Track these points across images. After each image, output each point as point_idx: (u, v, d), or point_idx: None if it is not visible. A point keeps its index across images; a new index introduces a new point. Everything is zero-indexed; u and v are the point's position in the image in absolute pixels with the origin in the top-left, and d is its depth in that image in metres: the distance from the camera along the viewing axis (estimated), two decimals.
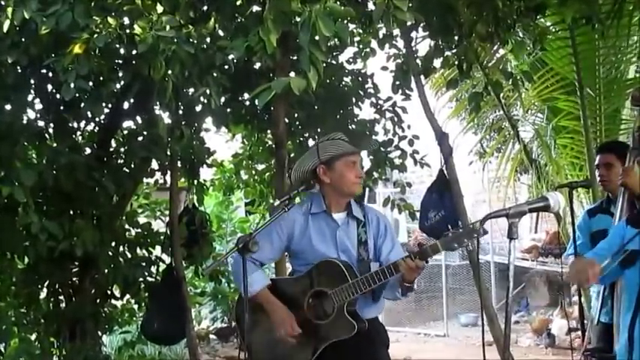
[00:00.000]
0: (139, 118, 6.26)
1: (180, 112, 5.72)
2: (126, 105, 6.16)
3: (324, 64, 4.12)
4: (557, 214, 7.11)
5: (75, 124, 6.19)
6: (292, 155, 6.32)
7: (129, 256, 6.56)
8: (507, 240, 2.79)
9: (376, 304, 3.94)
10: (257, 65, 5.98)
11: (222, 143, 8.14)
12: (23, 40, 4.50)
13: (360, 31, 6.72)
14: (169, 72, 4.19)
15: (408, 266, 3.60)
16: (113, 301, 6.80)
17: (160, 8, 4.19)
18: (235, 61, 4.97)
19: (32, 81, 5.52)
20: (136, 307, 7.18)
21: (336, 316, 3.77)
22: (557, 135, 8.09)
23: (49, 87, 5.68)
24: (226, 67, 4.95)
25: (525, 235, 12.12)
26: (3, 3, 4.37)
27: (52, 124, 5.95)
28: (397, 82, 6.36)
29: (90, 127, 6.40)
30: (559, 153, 8.19)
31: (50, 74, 5.45)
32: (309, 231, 3.91)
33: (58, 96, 5.23)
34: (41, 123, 5.87)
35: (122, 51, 4.61)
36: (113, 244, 6.45)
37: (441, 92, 8.68)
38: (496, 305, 9.49)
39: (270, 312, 3.89)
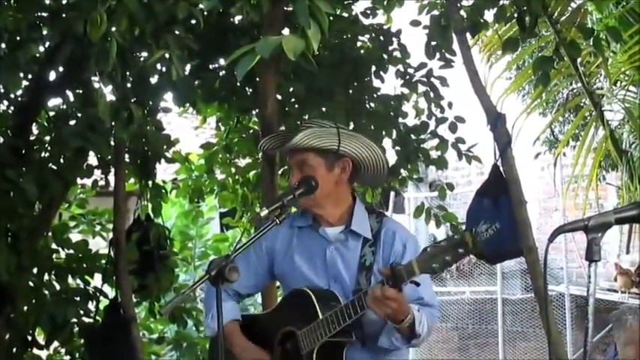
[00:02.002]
0: (70, 94, 6.25)
1: (129, 85, 5.71)
2: (52, 75, 6.15)
3: (331, 17, 4.10)
4: None
5: None
6: None
7: (57, 287, 6.56)
8: (587, 263, 2.76)
9: (378, 353, 3.89)
10: (236, 19, 5.97)
11: (189, 129, 8.13)
12: None
13: None
14: (113, 29, 4.17)
15: (373, 295, 3.56)
16: (35, 351, 6.76)
17: None
18: (206, 13, 4.95)
19: None
20: (67, 358, 7.16)
21: None
22: None
23: None
24: (193, 22, 4.93)
25: (613, 257, 12.10)
26: None
27: None
28: (433, 43, 6.33)
29: (2, 107, 6.39)
30: None
31: None
32: (292, 249, 3.99)
33: None
34: None
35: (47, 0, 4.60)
36: (35, 270, 6.44)
37: (494, 57, 8.66)
38: (573, 356, 9.46)
39: (238, 354, 3.95)
